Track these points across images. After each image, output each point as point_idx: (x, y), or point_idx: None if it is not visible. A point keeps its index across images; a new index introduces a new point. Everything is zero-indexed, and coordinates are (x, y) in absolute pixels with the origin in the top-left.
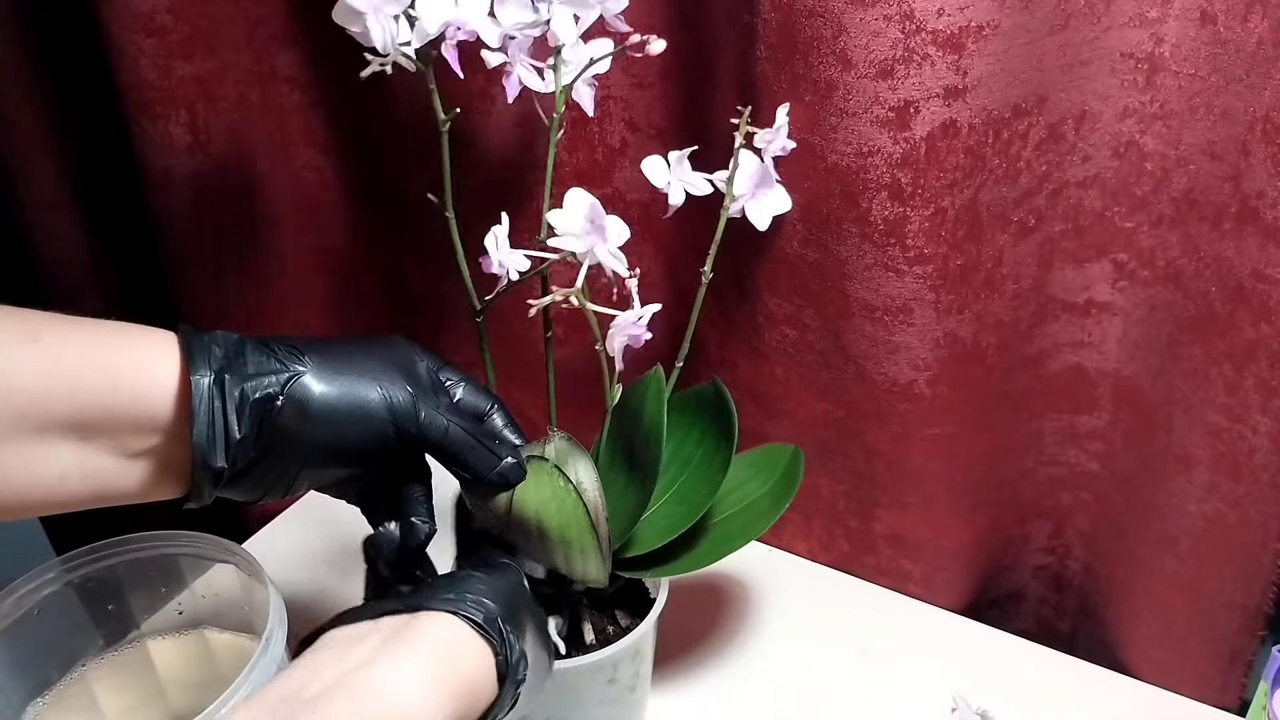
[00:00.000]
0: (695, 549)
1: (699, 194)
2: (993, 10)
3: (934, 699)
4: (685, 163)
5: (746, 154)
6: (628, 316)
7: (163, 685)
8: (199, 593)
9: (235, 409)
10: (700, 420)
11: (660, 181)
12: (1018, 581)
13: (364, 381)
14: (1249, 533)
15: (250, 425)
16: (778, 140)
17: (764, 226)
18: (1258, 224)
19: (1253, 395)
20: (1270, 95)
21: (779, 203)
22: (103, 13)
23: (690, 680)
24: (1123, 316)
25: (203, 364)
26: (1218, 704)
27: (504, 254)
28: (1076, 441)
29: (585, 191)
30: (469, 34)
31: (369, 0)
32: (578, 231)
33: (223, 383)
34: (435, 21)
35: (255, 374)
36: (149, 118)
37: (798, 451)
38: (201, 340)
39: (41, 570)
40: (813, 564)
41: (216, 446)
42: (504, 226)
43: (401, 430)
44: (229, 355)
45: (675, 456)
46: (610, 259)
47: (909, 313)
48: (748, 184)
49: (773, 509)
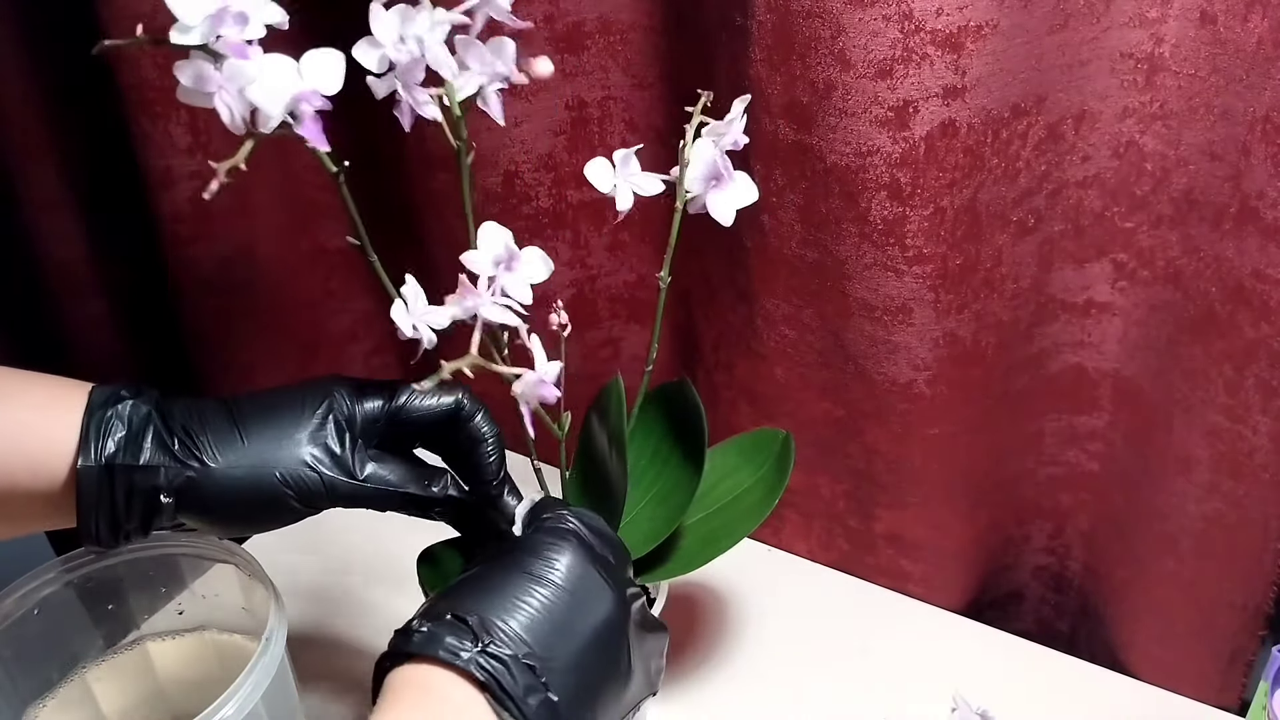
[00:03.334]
0: (684, 549)
1: (649, 194)
2: (992, 10)
3: (934, 699)
4: (632, 161)
5: (699, 146)
6: (529, 378)
7: (163, 685)
8: (199, 593)
9: (124, 497)
10: (673, 419)
11: (605, 185)
12: (1018, 581)
13: (261, 469)
14: (1249, 533)
15: (138, 517)
16: (730, 134)
17: (728, 221)
18: (1258, 224)
19: (1253, 395)
20: (1270, 95)
21: (742, 194)
22: (102, 13)
23: (690, 680)
24: (1123, 316)
25: (94, 448)
26: (1218, 704)
27: (418, 315)
28: (1076, 442)
29: (497, 226)
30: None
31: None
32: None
33: (113, 469)
34: (279, 105)
35: (146, 464)
36: (149, 118)
37: (788, 437)
38: (106, 414)
39: (41, 570)
40: (813, 564)
41: (102, 534)
42: (410, 287)
43: (313, 506)
44: (130, 435)
45: (655, 457)
46: (495, 313)
47: (908, 312)
48: (699, 180)
49: (764, 502)
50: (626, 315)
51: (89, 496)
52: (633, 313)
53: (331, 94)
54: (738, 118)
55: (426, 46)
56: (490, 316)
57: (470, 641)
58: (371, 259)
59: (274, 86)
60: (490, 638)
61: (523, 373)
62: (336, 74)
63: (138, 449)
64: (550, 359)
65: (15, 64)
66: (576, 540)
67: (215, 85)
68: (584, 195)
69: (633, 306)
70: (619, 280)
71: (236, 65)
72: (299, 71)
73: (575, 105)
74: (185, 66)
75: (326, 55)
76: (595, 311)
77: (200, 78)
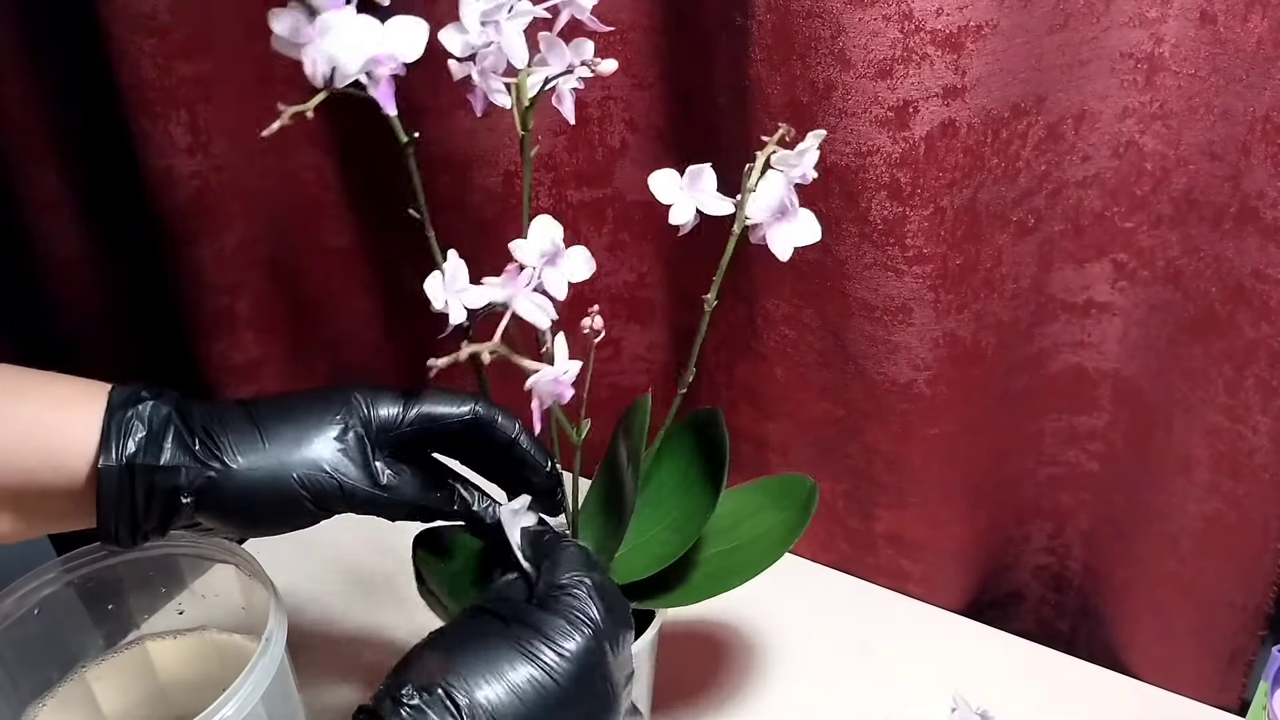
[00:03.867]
0: (696, 580)
1: (714, 215)
2: (991, 10)
3: (934, 699)
4: (705, 178)
5: (770, 176)
6: (544, 375)
7: (163, 685)
8: (199, 593)
9: (144, 497)
10: (697, 447)
11: (668, 197)
12: (1018, 581)
13: (279, 471)
14: (1249, 533)
15: (157, 517)
16: (801, 166)
17: (785, 257)
18: (1258, 224)
19: (1253, 395)
20: (1270, 95)
21: (805, 232)
22: (103, 13)
23: (689, 681)
24: (1123, 316)
25: (114, 447)
26: (1218, 704)
27: (454, 292)
28: (1076, 442)
29: (551, 220)
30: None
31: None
32: (534, 262)
33: (133, 469)
34: (356, 60)
35: (167, 464)
36: (149, 118)
37: (814, 487)
38: (125, 415)
39: (41, 570)
40: (813, 564)
41: (122, 533)
42: (452, 261)
43: (328, 510)
44: (150, 435)
45: (681, 483)
46: (531, 311)
47: (908, 312)
48: (765, 211)
49: (781, 544)
50: (627, 315)
51: (109, 496)
52: (633, 313)
53: (410, 61)
54: (810, 149)
55: (504, 33)
56: (522, 311)
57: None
58: (429, 235)
59: (354, 42)
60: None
61: (542, 368)
62: (418, 42)
63: (158, 449)
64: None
65: (15, 64)
66: (592, 632)
67: (306, 38)
68: (584, 195)
69: (633, 306)
70: (619, 280)
71: (327, 18)
72: (382, 34)
73: (575, 105)
74: (282, 15)
75: (411, 22)
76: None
77: (295, 29)
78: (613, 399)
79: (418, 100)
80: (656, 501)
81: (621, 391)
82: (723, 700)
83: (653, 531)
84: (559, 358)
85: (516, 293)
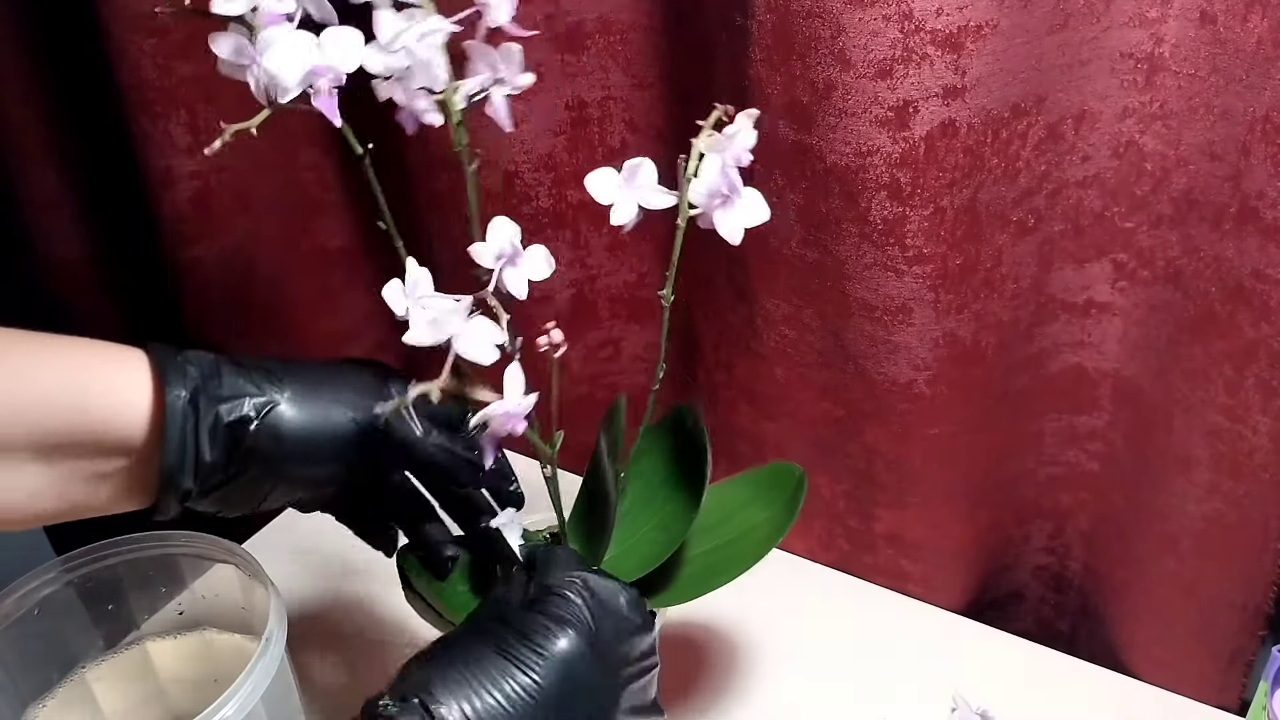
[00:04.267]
0: (686, 578)
1: (655, 209)
2: (991, 10)
3: (934, 699)
4: (642, 172)
5: (709, 161)
6: (494, 409)
7: (163, 685)
8: (199, 593)
9: (208, 431)
10: (678, 445)
11: (605, 198)
12: (1018, 581)
13: (337, 407)
14: (1249, 533)
15: (222, 449)
16: (734, 147)
17: (736, 240)
18: (1258, 224)
19: (1253, 395)
20: (1270, 95)
21: (753, 213)
22: (103, 13)
23: (689, 680)
24: (1123, 316)
25: (178, 383)
26: (1218, 704)
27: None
28: (1076, 442)
29: (508, 221)
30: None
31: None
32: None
33: (197, 404)
34: (294, 75)
35: (230, 396)
36: (149, 118)
37: (803, 476)
38: (175, 359)
39: (41, 570)
40: (813, 564)
41: (186, 469)
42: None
43: (368, 456)
44: (204, 375)
45: (664, 483)
46: (468, 349)
47: (908, 312)
48: (704, 195)
49: (768, 540)
50: (626, 315)
51: (175, 431)
52: (633, 313)
53: (348, 72)
54: (744, 130)
55: (415, 55)
56: (463, 351)
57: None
58: (398, 244)
59: (290, 56)
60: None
61: (494, 401)
62: (354, 52)
63: (218, 382)
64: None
65: (15, 64)
66: (574, 628)
67: (249, 58)
68: (584, 195)
69: (633, 306)
70: (619, 280)
71: (266, 36)
72: (318, 46)
73: (575, 105)
74: (224, 38)
75: (345, 33)
76: (595, 312)
77: (238, 50)
78: (613, 399)
79: None
80: (644, 501)
81: (621, 392)
82: (722, 700)
83: (641, 532)
84: (511, 389)
85: (458, 329)
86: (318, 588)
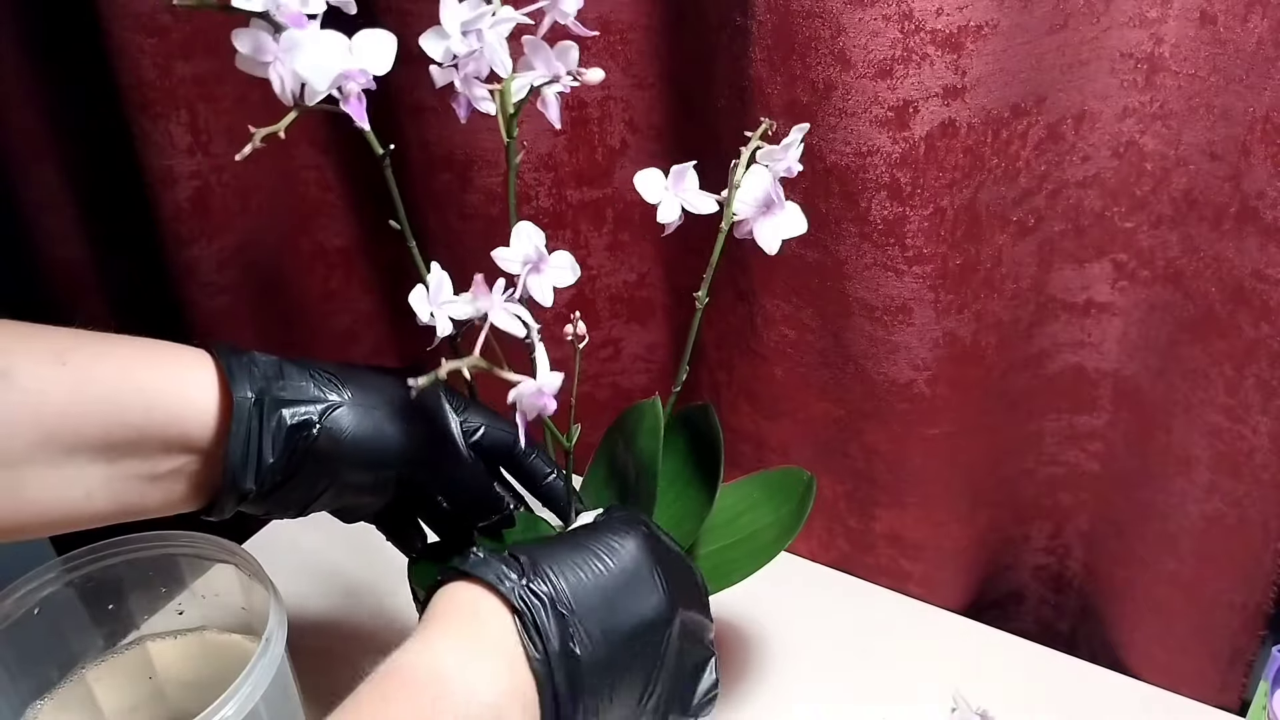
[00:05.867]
0: None
1: (700, 213)
2: (991, 10)
3: (934, 699)
4: (688, 177)
5: (754, 171)
6: (525, 387)
7: (163, 685)
8: (199, 593)
9: (271, 433)
10: (692, 444)
11: (653, 196)
12: (1018, 581)
13: (394, 418)
14: (1249, 533)
15: (283, 451)
16: (785, 160)
17: (773, 250)
18: (1258, 224)
19: (1253, 395)
20: (1270, 95)
21: (791, 224)
22: (103, 13)
23: None
24: (1123, 316)
25: (244, 383)
26: (1218, 704)
27: (438, 304)
28: (1076, 441)
29: (533, 226)
30: (369, 82)
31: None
32: (517, 269)
33: (262, 404)
34: (325, 78)
35: (294, 399)
36: (149, 118)
37: (812, 480)
38: (240, 359)
39: (41, 570)
40: (813, 564)
41: (249, 469)
42: (435, 274)
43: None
44: (267, 376)
45: (677, 480)
46: (506, 320)
47: (908, 312)
48: (750, 205)
49: (777, 542)
50: (627, 315)
51: (241, 430)
52: (633, 313)
53: (380, 75)
54: (795, 144)
55: (486, 41)
56: (499, 323)
57: (517, 574)
58: (411, 245)
59: (323, 61)
60: (536, 577)
61: (523, 380)
62: (387, 55)
63: (281, 385)
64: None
65: (15, 64)
66: (644, 532)
67: (271, 55)
68: (584, 195)
69: (633, 306)
70: (619, 280)
71: (292, 36)
72: (350, 49)
73: (575, 105)
74: (244, 34)
75: (379, 36)
76: (595, 311)
77: (259, 47)
78: (613, 399)
79: (418, 99)
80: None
81: (621, 392)
82: (722, 699)
83: None
84: (540, 369)
85: (491, 305)
86: (318, 588)
